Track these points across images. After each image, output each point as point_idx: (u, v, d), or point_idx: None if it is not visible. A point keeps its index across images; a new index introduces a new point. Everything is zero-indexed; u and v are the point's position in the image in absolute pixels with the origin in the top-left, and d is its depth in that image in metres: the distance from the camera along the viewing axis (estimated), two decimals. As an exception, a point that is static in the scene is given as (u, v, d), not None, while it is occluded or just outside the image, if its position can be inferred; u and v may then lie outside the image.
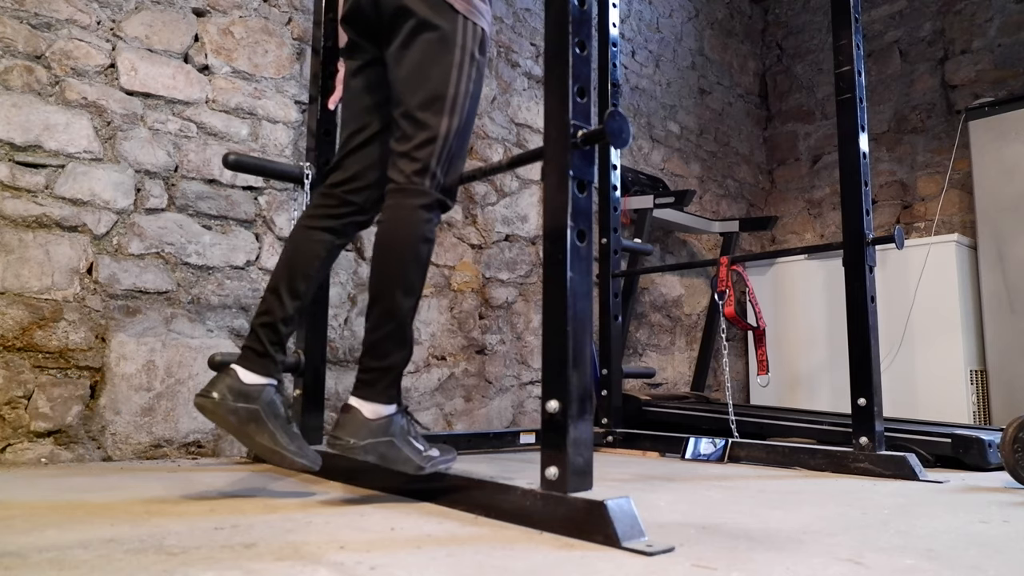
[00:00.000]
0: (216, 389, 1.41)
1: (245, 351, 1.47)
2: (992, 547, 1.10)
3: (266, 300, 1.51)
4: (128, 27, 2.19)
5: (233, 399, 1.41)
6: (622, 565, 0.95)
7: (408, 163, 1.46)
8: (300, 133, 2.52)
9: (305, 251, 1.54)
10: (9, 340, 1.92)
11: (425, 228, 1.45)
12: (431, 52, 1.46)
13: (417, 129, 1.46)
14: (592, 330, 1.25)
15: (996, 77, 3.92)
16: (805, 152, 4.69)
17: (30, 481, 1.62)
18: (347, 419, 1.38)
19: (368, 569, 0.92)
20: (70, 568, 0.90)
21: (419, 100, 1.47)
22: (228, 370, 1.43)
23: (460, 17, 1.47)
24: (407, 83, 1.48)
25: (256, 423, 1.42)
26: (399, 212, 1.45)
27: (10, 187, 1.96)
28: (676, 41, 4.27)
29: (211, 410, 1.40)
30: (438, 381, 2.84)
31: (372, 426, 1.38)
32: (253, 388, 1.43)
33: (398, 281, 1.42)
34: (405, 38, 1.48)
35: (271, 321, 1.49)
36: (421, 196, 1.46)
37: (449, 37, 1.47)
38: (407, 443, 1.42)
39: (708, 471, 2.06)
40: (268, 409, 1.44)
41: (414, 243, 1.44)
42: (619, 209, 2.78)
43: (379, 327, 1.42)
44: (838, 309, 3.74)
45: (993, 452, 2.13)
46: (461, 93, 1.49)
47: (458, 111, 1.49)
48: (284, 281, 1.51)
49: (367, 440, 1.37)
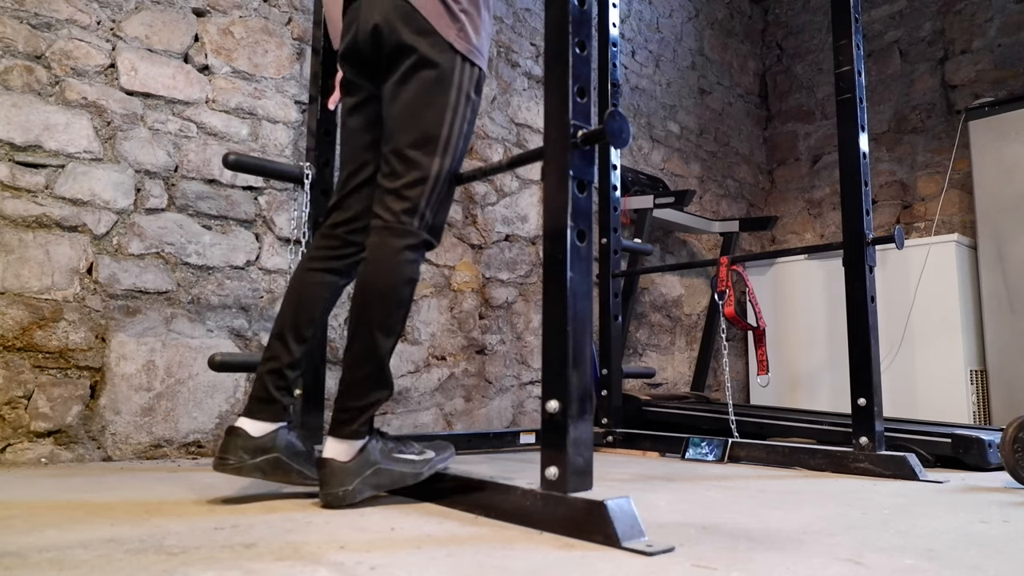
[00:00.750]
0: (231, 453, 1.40)
1: (252, 402, 1.46)
2: (992, 547, 1.10)
3: (271, 346, 1.50)
4: (128, 27, 2.19)
5: (251, 457, 1.41)
6: (622, 565, 0.95)
7: (397, 201, 1.44)
8: (300, 133, 2.52)
9: (309, 295, 1.53)
10: (9, 340, 1.92)
11: (410, 269, 1.44)
12: (428, 91, 1.45)
13: (408, 168, 1.45)
14: (592, 330, 1.25)
15: (996, 77, 3.92)
16: (805, 152, 4.69)
17: (30, 481, 1.62)
18: (327, 475, 1.37)
19: (368, 569, 0.92)
20: (70, 568, 0.90)
21: (411, 139, 1.45)
22: (236, 430, 1.42)
23: (459, 57, 1.47)
24: (401, 120, 1.46)
25: (280, 469, 1.43)
26: (384, 252, 1.43)
27: (10, 187, 1.96)
28: (676, 41, 4.27)
29: (234, 473, 1.40)
30: (438, 381, 2.84)
31: (351, 467, 1.38)
32: (266, 439, 1.43)
33: (380, 322, 1.41)
34: (403, 74, 1.46)
35: (277, 367, 1.48)
36: (408, 236, 1.44)
37: (447, 77, 1.46)
38: (394, 460, 1.42)
39: (708, 471, 2.06)
40: (287, 451, 1.45)
41: (398, 284, 1.42)
42: (619, 209, 2.78)
43: (358, 367, 1.41)
44: (838, 309, 3.74)
45: (993, 452, 2.13)
46: (455, 134, 1.48)
47: (450, 152, 1.48)
48: (289, 326, 1.50)
49: (355, 483, 1.37)
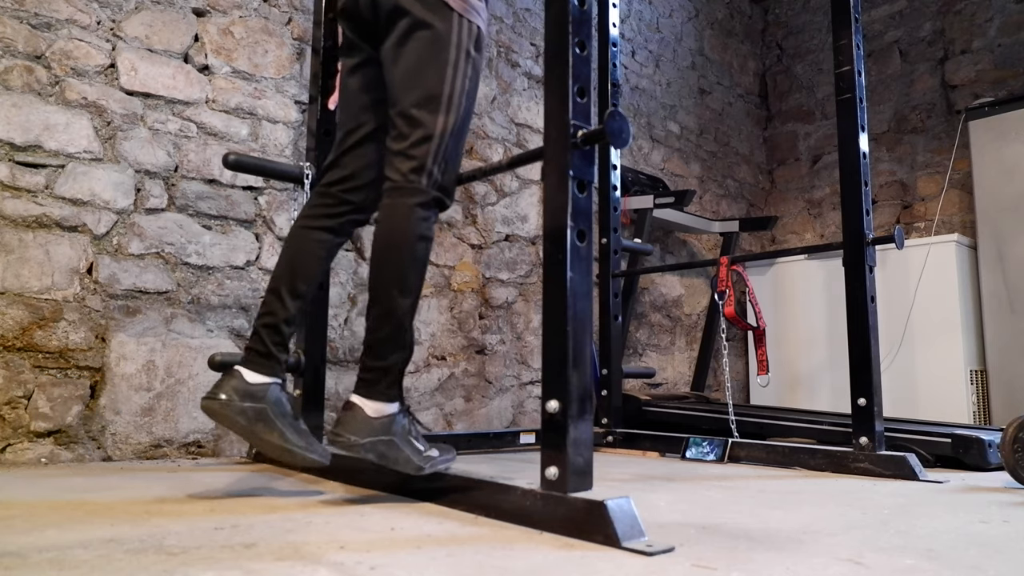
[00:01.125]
0: (222, 390, 1.40)
1: (248, 352, 1.47)
2: (992, 547, 1.10)
3: (267, 301, 1.51)
4: (128, 27, 2.19)
5: (240, 399, 1.40)
6: (622, 565, 0.95)
7: (404, 161, 1.46)
8: (300, 133, 2.52)
9: (305, 251, 1.54)
10: (9, 340, 1.92)
11: (422, 226, 1.45)
12: (426, 50, 1.46)
13: (413, 127, 1.46)
14: (592, 330, 1.25)
15: (996, 77, 3.92)
16: (805, 152, 4.69)
17: (30, 481, 1.62)
18: (348, 417, 1.38)
19: (368, 569, 0.92)
20: (70, 568, 0.90)
21: (415, 98, 1.46)
22: (232, 371, 1.43)
23: (455, 15, 1.47)
24: (402, 82, 1.47)
25: (264, 422, 1.42)
26: (396, 211, 1.44)
27: (10, 187, 1.96)
28: (676, 41, 4.27)
29: (219, 412, 1.39)
30: (438, 381, 2.84)
31: (374, 424, 1.38)
32: (259, 387, 1.43)
33: (396, 281, 1.42)
34: (400, 36, 1.48)
35: (273, 322, 1.49)
36: (418, 194, 1.45)
37: (444, 35, 1.46)
38: (408, 443, 1.42)
39: (708, 471, 2.06)
40: (275, 408, 1.44)
41: (411, 242, 1.43)
42: (619, 209, 2.78)
43: (378, 327, 1.42)
44: (838, 309, 3.74)
45: (993, 452, 2.13)
46: (457, 91, 1.48)
47: (454, 109, 1.48)
48: (285, 282, 1.51)
49: (367, 438, 1.37)
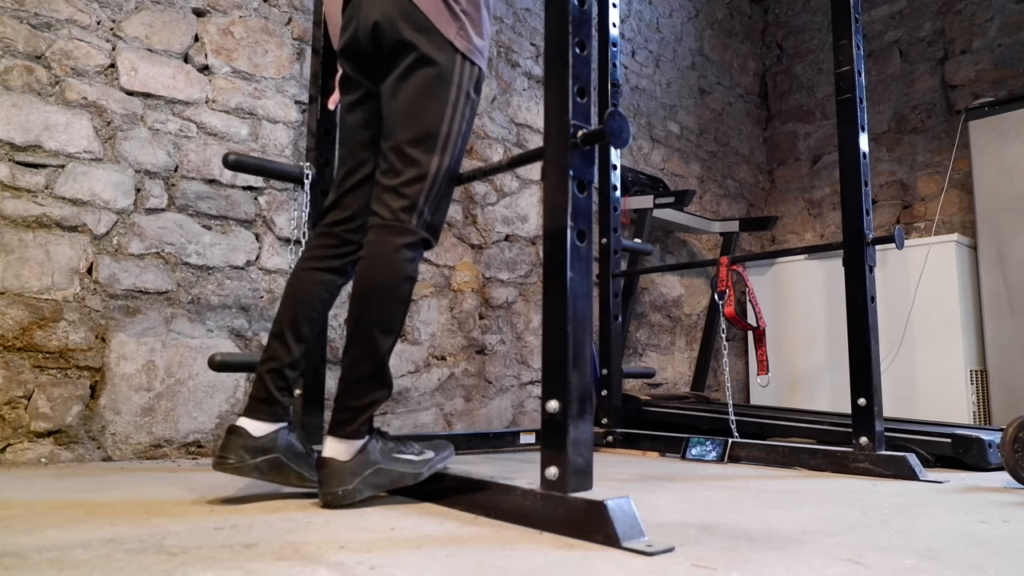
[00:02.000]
0: (231, 453, 1.40)
1: (252, 402, 1.46)
2: (992, 547, 1.10)
3: (270, 346, 1.50)
4: (128, 27, 2.19)
5: (251, 456, 1.40)
6: (622, 565, 0.95)
7: (395, 199, 1.44)
8: (300, 133, 2.52)
9: (308, 294, 1.53)
10: (9, 340, 1.92)
11: (408, 267, 1.44)
12: (428, 88, 1.45)
13: (407, 165, 1.45)
14: (592, 330, 1.25)
15: (996, 77, 3.92)
16: (805, 152, 4.69)
17: (30, 481, 1.62)
18: (327, 475, 1.37)
19: (368, 569, 0.92)
20: (70, 568, 0.90)
21: (411, 136, 1.45)
22: (237, 429, 1.42)
23: (459, 56, 1.47)
24: (400, 116, 1.46)
25: (279, 469, 1.43)
26: (382, 249, 1.43)
27: (10, 187, 1.96)
28: (676, 41, 4.27)
29: (233, 472, 1.40)
30: (438, 381, 2.84)
31: (351, 467, 1.38)
32: (266, 439, 1.43)
33: (379, 321, 1.41)
34: (403, 71, 1.46)
35: (277, 367, 1.48)
36: (407, 234, 1.44)
37: (447, 75, 1.46)
38: (393, 460, 1.42)
39: (708, 471, 2.06)
40: (287, 452, 1.44)
41: (396, 283, 1.42)
42: (619, 209, 2.78)
43: (357, 366, 1.41)
44: (838, 309, 3.74)
45: (993, 452, 2.13)
46: (454, 132, 1.48)
47: (449, 150, 1.47)
48: (288, 326, 1.50)
49: (355, 482, 1.37)
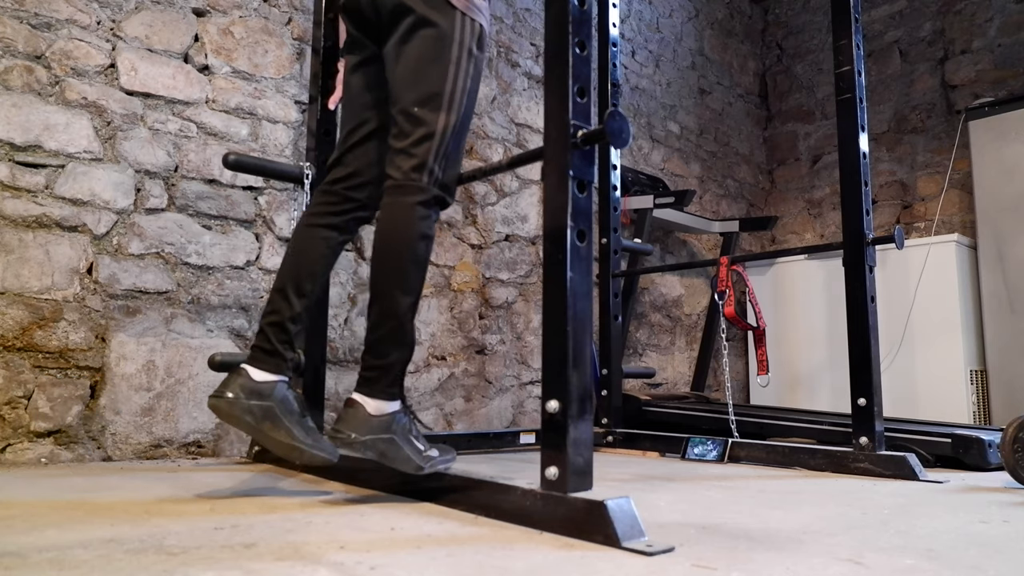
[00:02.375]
0: (229, 388, 1.40)
1: (254, 350, 1.47)
2: (992, 547, 1.10)
3: (273, 300, 1.51)
4: (128, 27, 2.19)
5: (247, 397, 1.40)
6: (622, 565, 0.95)
7: (406, 159, 1.46)
8: (300, 133, 2.52)
9: (309, 250, 1.54)
10: (9, 340, 1.92)
11: (423, 225, 1.45)
12: (429, 49, 1.46)
13: (414, 125, 1.46)
14: (592, 330, 1.25)
15: (996, 77, 3.92)
16: (805, 152, 4.69)
17: (30, 481, 1.62)
18: (350, 414, 1.38)
19: (368, 569, 0.92)
20: (70, 568, 0.90)
21: (416, 97, 1.46)
22: (239, 369, 1.43)
23: (458, 13, 1.47)
24: (404, 80, 1.48)
25: (272, 420, 1.41)
26: (396, 210, 1.44)
27: (10, 187, 1.96)
28: (676, 41, 4.27)
29: (226, 410, 1.39)
30: (438, 381, 2.84)
31: (374, 422, 1.38)
32: (265, 385, 1.43)
33: (397, 279, 1.42)
34: (403, 34, 1.48)
35: (279, 320, 1.48)
36: (419, 192, 1.45)
37: (447, 34, 1.46)
38: (408, 442, 1.42)
39: (708, 471, 2.06)
40: (282, 406, 1.44)
41: (412, 240, 1.43)
42: (619, 209, 2.78)
43: (379, 326, 1.42)
44: (838, 309, 3.74)
45: (993, 452, 2.13)
46: (459, 89, 1.48)
47: (456, 107, 1.48)
48: (290, 280, 1.51)
49: (368, 436, 1.37)
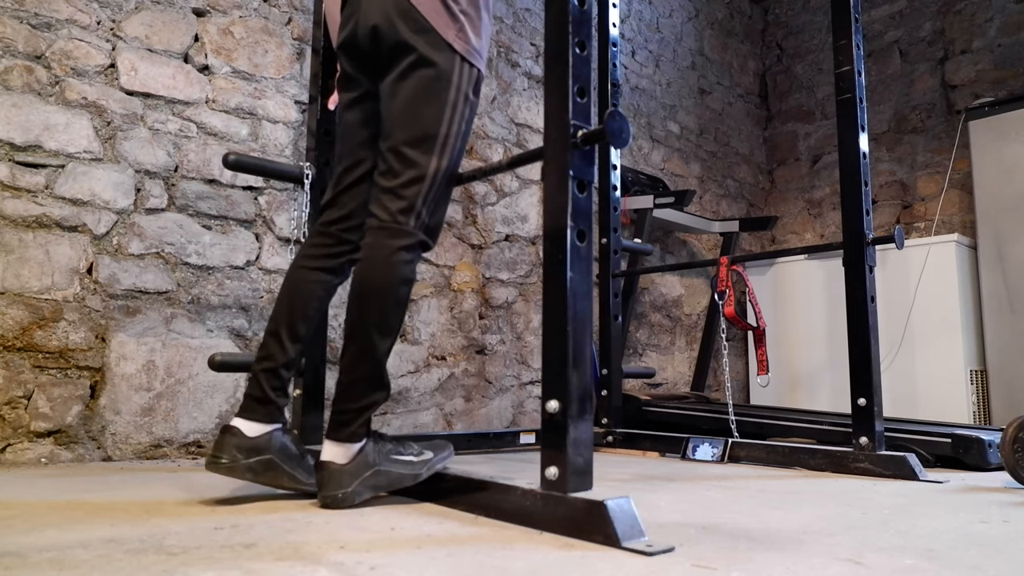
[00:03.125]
0: (224, 452, 1.40)
1: (247, 400, 1.46)
2: (992, 547, 1.10)
3: (266, 344, 1.49)
4: (128, 27, 2.19)
5: (244, 457, 1.40)
6: (622, 565, 0.95)
7: (393, 200, 1.44)
8: (300, 133, 2.52)
9: (303, 293, 1.53)
10: (9, 340, 1.92)
11: (406, 269, 1.43)
12: (427, 89, 1.45)
13: (405, 166, 1.45)
14: (592, 330, 1.25)
15: (996, 77, 3.92)
16: (805, 152, 4.69)
17: (30, 481, 1.62)
18: (326, 477, 1.38)
19: (368, 569, 0.92)
20: (70, 568, 0.90)
21: (410, 136, 1.45)
22: (231, 429, 1.42)
23: (458, 57, 1.47)
24: (399, 117, 1.46)
25: (273, 471, 1.43)
26: (380, 252, 1.43)
27: (10, 187, 1.96)
28: (676, 41, 4.27)
29: (226, 473, 1.39)
30: (438, 381, 2.84)
31: (350, 469, 1.38)
32: (261, 439, 1.42)
33: (376, 323, 1.41)
34: (402, 72, 1.46)
35: (273, 367, 1.48)
36: (404, 236, 1.44)
37: (446, 76, 1.45)
38: (392, 462, 1.42)
39: (708, 471, 2.06)
40: (281, 454, 1.44)
41: (394, 286, 1.42)
42: (619, 209, 2.78)
43: (354, 368, 1.41)
44: (838, 309, 3.74)
45: (993, 452, 2.13)
46: (452, 133, 1.47)
47: (448, 152, 1.47)
48: (284, 325, 1.50)
49: (354, 484, 1.37)
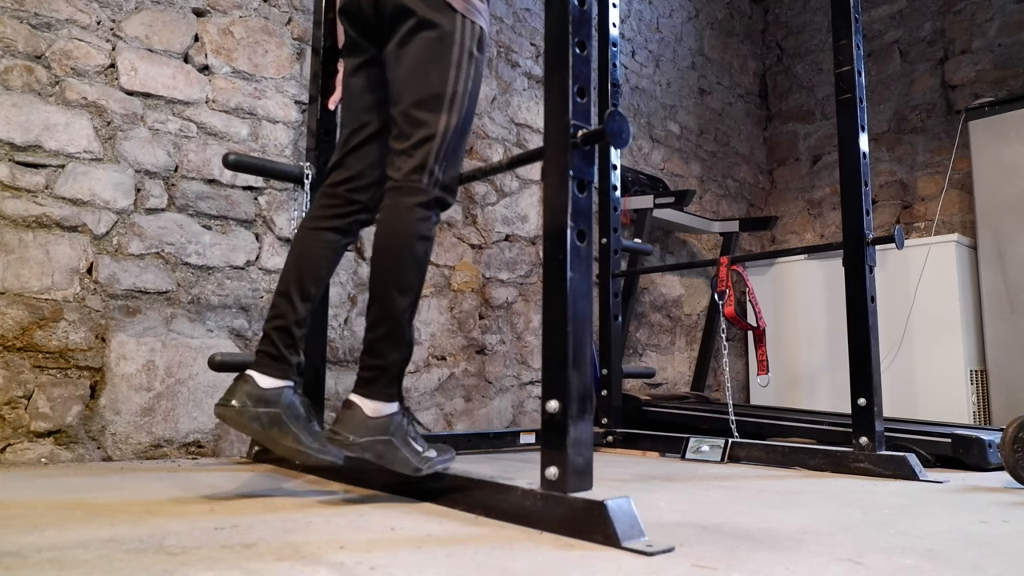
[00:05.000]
0: (235, 396, 1.40)
1: (260, 356, 1.47)
2: (992, 547, 1.10)
3: (277, 304, 1.50)
4: (128, 27, 2.19)
5: (254, 405, 1.41)
6: (622, 565, 0.95)
7: (406, 160, 1.46)
8: (300, 133, 2.52)
9: (312, 253, 1.54)
10: (9, 340, 1.92)
11: (422, 226, 1.45)
12: (430, 50, 1.46)
13: (415, 127, 1.46)
14: (592, 330, 1.25)
15: (996, 77, 3.92)
16: (805, 152, 4.69)
17: (30, 481, 1.62)
18: (347, 415, 1.38)
19: (368, 569, 0.92)
20: (70, 568, 0.90)
21: (417, 98, 1.46)
22: (245, 376, 1.43)
23: (459, 16, 1.48)
24: (405, 81, 1.48)
25: (279, 426, 1.43)
26: (396, 211, 1.45)
27: (10, 187, 1.96)
28: (676, 41, 4.27)
29: (233, 418, 1.39)
30: (438, 381, 2.84)
31: (371, 424, 1.38)
32: (272, 392, 1.43)
33: (395, 280, 1.42)
34: (404, 36, 1.48)
35: (284, 324, 1.48)
36: (419, 194, 1.45)
37: (448, 35, 1.47)
38: (406, 443, 1.42)
39: (708, 471, 2.06)
40: (289, 411, 1.44)
41: (410, 241, 1.43)
42: (619, 209, 2.78)
43: (377, 326, 1.42)
44: (838, 309, 3.74)
45: (993, 452, 2.13)
46: (460, 91, 1.49)
47: (456, 109, 1.49)
48: (294, 284, 1.51)
49: (365, 438, 1.37)
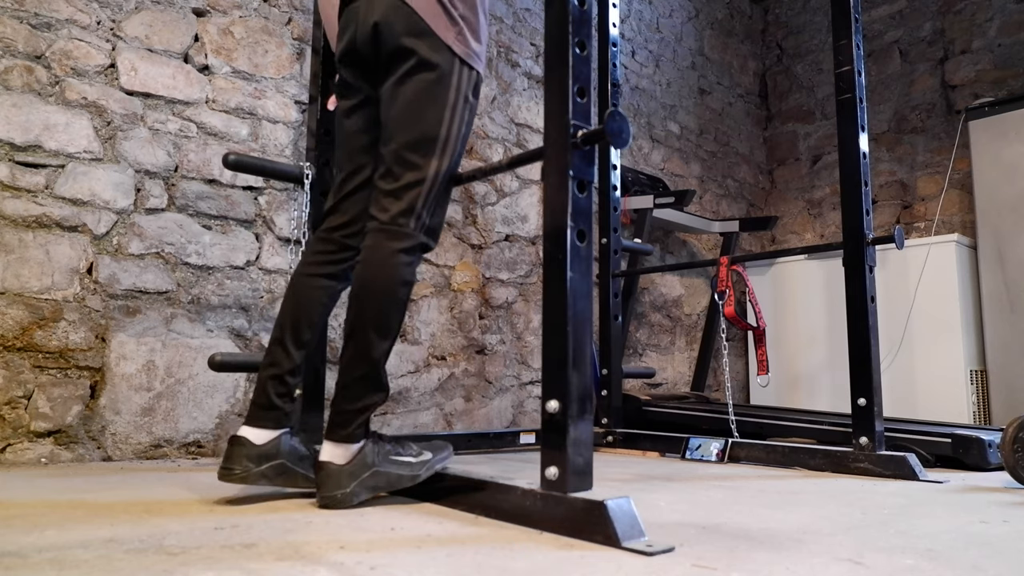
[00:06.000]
0: (235, 463, 1.40)
1: (254, 408, 1.46)
2: (992, 547, 1.10)
3: (271, 351, 1.50)
4: (128, 27, 2.19)
5: (256, 465, 1.41)
6: (622, 565, 0.95)
7: (394, 203, 1.45)
8: (300, 133, 2.52)
9: (307, 300, 1.53)
10: (9, 340, 1.92)
11: (406, 271, 1.44)
12: (427, 92, 1.46)
13: (405, 169, 1.45)
14: (592, 330, 1.25)
15: (996, 77, 3.92)
16: (805, 152, 4.69)
17: (30, 481, 1.62)
18: (324, 477, 1.38)
19: (368, 569, 0.92)
20: (70, 568, 0.90)
21: (410, 139, 1.46)
22: (239, 439, 1.42)
23: (458, 60, 1.48)
24: (399, 120, 1.47)
25: (285, 475, 1.44)
26: (380, 254, 1.43)
27: (10, 187, 1.96)
28: (676, 41, 4.27)
29: (240, 480, 1.40)
30: (438, 381, 2.84)
31: (349, 470, 1.38)
32: (269, 446, 1.43)
33: (375, 323, 1.41)
34: (402, 76, 1.47)
35: (278, 373, 1.48)
36: (405, 239, 1.44)
37: (446, 78, 1.46)
38: (391, 463, 1.42)
39: (708, 471, 2.06)
40: (291, 456, 1.45)
41: (394, 287, 1.42)
42: (619, 209, 2.78)
43: (352, 367, 1.41)
44: (838, 309, 3.74)
45: (993, 452, 2.13)
46: (452, 135, 1.48)
47: (448, 153, 1.48)
48: (289, 331, 1.50)
49: (352, 485, 1.37)
